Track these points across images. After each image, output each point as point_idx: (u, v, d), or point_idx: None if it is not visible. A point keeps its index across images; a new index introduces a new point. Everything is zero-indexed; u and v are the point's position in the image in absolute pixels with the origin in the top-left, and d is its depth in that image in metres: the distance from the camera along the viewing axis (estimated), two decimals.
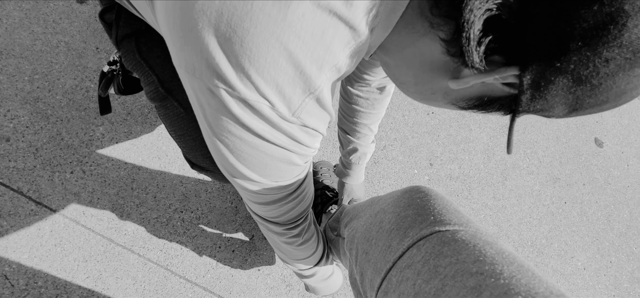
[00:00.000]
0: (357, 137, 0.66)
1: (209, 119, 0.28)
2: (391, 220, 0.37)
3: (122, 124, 0.84)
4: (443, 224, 0.32)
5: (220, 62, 0.23)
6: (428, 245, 0.31)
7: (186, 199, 0.83)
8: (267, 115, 0.26)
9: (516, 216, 1.06)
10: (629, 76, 0.21)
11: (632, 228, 1.18)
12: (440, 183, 1.03)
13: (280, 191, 0.35)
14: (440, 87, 0.28)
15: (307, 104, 0.27)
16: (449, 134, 1.09)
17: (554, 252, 1.06)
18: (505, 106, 0.27)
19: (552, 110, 0.24)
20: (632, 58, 0.20)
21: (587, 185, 1.18)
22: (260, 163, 0.31)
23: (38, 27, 0.84)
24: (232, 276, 0.81)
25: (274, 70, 0.24)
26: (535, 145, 1.18)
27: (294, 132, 0.28)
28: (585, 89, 0.22)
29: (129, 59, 0.43)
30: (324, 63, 0.25)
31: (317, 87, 0.26)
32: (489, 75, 0.24)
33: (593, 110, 0.24)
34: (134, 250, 0.77)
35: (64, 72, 0.83)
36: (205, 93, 0.26)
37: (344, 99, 0.63)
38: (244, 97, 0.25)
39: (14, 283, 0.70)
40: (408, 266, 0.31)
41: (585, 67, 0.21)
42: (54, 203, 0.76)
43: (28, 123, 0.78)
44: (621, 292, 1.09)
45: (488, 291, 0.24)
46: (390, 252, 0.34)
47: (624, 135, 1.31)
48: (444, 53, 0.25)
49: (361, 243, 0.40)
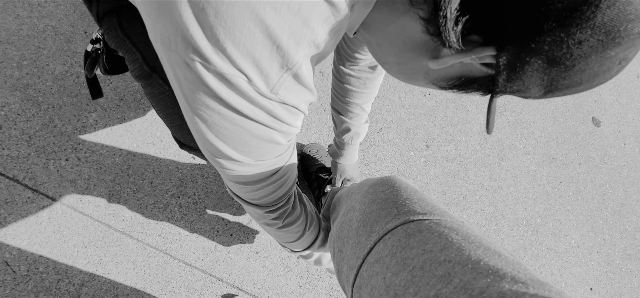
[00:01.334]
0: (349, 117, 0.67)
1: (186, 94, 0.28)
2: (358, 218, 0.38)
3: (115, 110, 0.83)
4: (407, 215, 0.33)
5: (195, 34, 0.23)
6: (394, 239, 0.31)
7: (183, 184, 0.84)
8: (244, 90, 0.26)
9: (512, 196, 1.08)
10: (602, 58, 0.22)
11: (626, 207, 1.21)
12: (437, 165, 1.04)
13: (260, 171, 0.35)
14: (421, 66, 0.29)
15: (286, 80, 0.27)
16: (446, 115, 1.10)
17: (549, 231, 1.09)
18: (483, 86, 0.28)
19: (528, 91, 0.25)
20: (604, 40, 0.21)
21: (583, 165, 1.20)
22: (239, 141, 0.30)
23: (23, 11, 0.82)
24: (230, 259, 0.83)
25: (250, 43, 0.24)
26: (532, 126, 1.18)
27: (273, 109, 0.28)
28: (559, 70, 0.23)
29: (112, 36, 0.42)
30: (301, 38, 0.25)
31: (295, 63, 0.26)
32: (466, 55, 0.24)
33: (568, 91, 0.25)
34: (132, 235, 0.79)
35: (53, 58, 0.82)
36: (181, 67, 0.25)
37: (336, 78, 0.63)
38: (219, 70, 0.24)
39: (15, 270, 0.72)
40: (376, 261, 0.31)
41: (558, 48, 0.21)
42: (50, 190, 0.76)
43: (19, 110, 0.78)
44: (613, 268, 1.12)
45: (457, 277, 0.25)
46: (360, 248, 0.35)
47: (622, 114, 1.32)
48: (424, 32, 0.26)
49: (335, 242, 0.41)
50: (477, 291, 0.23)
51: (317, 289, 0.86)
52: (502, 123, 1.15)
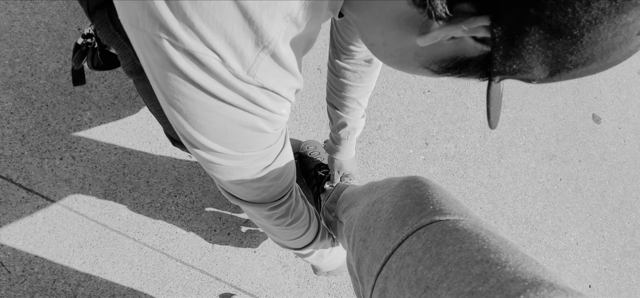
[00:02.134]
0: (346, 112, 0.66)
1: (157, 79, 0.26)
2: (389, 210, 0.37)
3: (110, 108, 0.83)
4: (443, 214, 0.32)
5: (160, 7, 0.22)
6: (428, 234, 0.31)
7: (179, 183, 0.84)
8: (217, 71, 0.24)
9: (511, 194, 1.09)
10: (615, 25, 0.18)
11: (626, 204, 1.21)
12: (436, 163, 1.04)
13: (251, 165, 0.33)
14: (410, 46, 0.27)
15: (263, 60, 0.25)
16: (445, 112, 1.09)
17: (548, 228, 1.09)
18: (479, 68, 0.25)
19: (530, 70, 0.22)
20: (618, 1, 0.17)
21: (583, 162, 1.20)
22: (219, 130, 0.28)
23: (15, 7, 0.81)
24: (228, 258, 0.83)
25: (219, 16, 0.22)
26: (532, 123, 1.18)
27: (251, 94, 0.26)
28: (565, 42, 0.20)
29: (103, 30, 0.41)
30: (275, 11, 0.23)
31: (271, 39, 0.24)
32: (456, 27, 0.22)
33: (578, 72, 0.21)
34: (128, 235, 0.79)
35: (46, 55, 0.81)
36: (150, 47, 0.24)
37: (331, 72, 0.62)
38: (188, 48, 0.23)
39: (10, 270, 0.72)
40: (408, 253, 0.31)
41: (563, 12, 0.18)
42: (44, 190, 0.76)
43: (12, 109, 0.77)
44: (612, 265, 1.13)
45: (494, 278, 0.24)
46: (389, 239, 0.34)
47: (622, 110, 1.32)
48: (410, 4, 0.23)
49: (358, 231, 0.40)
50: (514, 292, 0.22)
51: (315, 288, 0.87)
52: (502, 120, 1.15)
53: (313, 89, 0.99)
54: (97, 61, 0.50)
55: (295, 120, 0.95)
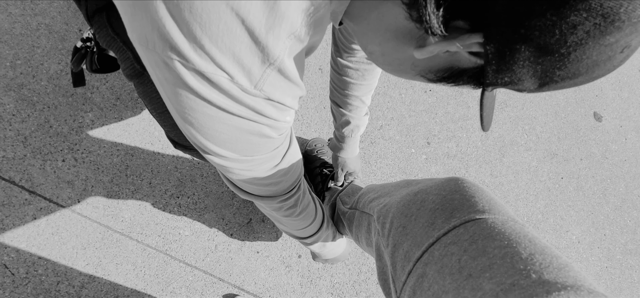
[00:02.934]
0: (349, 110, 0.66)
1: (169, 95, 0.27)
2: (435, 201, 0.38)
3: (112, 109, 0.83)
4: (492, 213, 0.34)
5: (172, 31, 0.23)
6: (476, 228, 0.32)
7: (182, 184, 0.84)
8: (226, 88, 0.25)
9: (513, 192, 1.09)
10: (600, 45, 0.20)
11: (627, 202, 1.22)
12: (438, 162, 1.04)
13: (260, 166, 0.35)
14: (406, 56, 0.28)
15: (269, 75, 0.26)
16: (447, 111, 1.10)
17: (549, 227, 1.10)
18: (473, 78, 0.26)
19: (520, 83, 0.23)
20: (601, 24, 0.19)
21: (584, 160, 1.21)
22: (229, 139, 0.30)
23: (15, 9, 0.81)
24: (231, 259, 0.84)
25: (228, 39, 0.23)
26: (534, 121, 1.19)
27: (257, 106, 0.28)
28: (552, 59, 0.21)
29: (103, 35, 0.42)
30: (280, 31, 0.24)
31: (277, 57, 0.25)
32: (451, 43, 0.23)
33: (566, 84, 0.23)
34: (132, 236, 0.79)
35: (47, 57, 0.81)
36: (161, 67, 0.25)
37: (334, 71, 0.63)
38: (199, 68, 0.24)
39: (14, 272, 0.72)
40: (454, 243, 0.32)
41: (550, 33, 0.20)
42: (47, 192, 0.76)
43: (14, 111, 0.77)
44: (613, 263, 1.14)
45: (536, 275, 0.25)
46: (434, 228, 0.35)
47: (624, 108, 1.32)
48: (407, 18, 0.24)
49: (398, 218, 0.42)
50: (555, 289, 0.24)
51: (318, 288, 0.87)
52: (503, 119, 1.16)
53: (315, 89, 0.99)
54: (95, 65, 0.50)
55: (298, 120, 0.96)
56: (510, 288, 0.25)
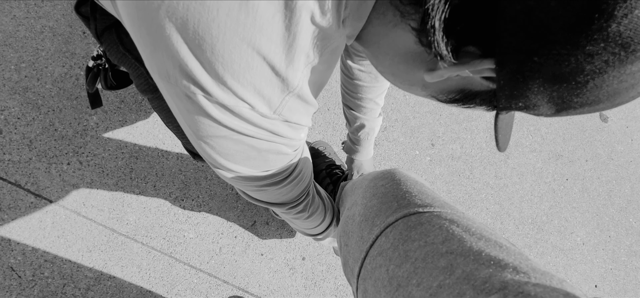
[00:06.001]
0: (363, 113, 0.67)
1: (188, 122, 0.29)
2: (361, 212, 0.40)
3: (116, 112, 0.85)
4: (407, 208, 0.35)
5: (195, 69, 0.24)
6: (395, 232, 0.33)
7: (186, 187, 0.86)
8: (247, 117, 0.27)
9: (517, 194, 1.11)
10: (621, 74, 0.19)
11: (633, 203, 1.23)
12: (442, 164, 1.06)
13: (272, 178, 0.37)
14: (417, 79, 0.28)
15: (288, 101, 0.28)
16: (451, 112, 1.11)
17: (554, 229, 1.12)
18: (486, 101, 0.26)
19: (537, 108, 0.23)
20: (621, 54, 0.18)
21: (589, 161, 1.22)
22: (245, 157, 0.32)
23: (19, 11, 0.83)
24: (235, 261, 0.86)
25: (249, 74, 0.24)
26: (539, 122, 1.20)
27: (275, 128, 0.29)
28: (569, 87, 0.20)
29: (113, 52, 0.43)
30: (298, 63, 0.25)
31: (296, 86, 0.27)
32: (462, 69, 0.23)
33: (585, 110, 0.22)
34: (136, 239, 0.81)
35: (52, 60, 0.83)
36: (182, 99, 0.26)
37: (346, 75, 0.63)
38: (222, 102, 0.25)
39: (21, 275, 0.74)
40: (379, 254, 0.33)
41: (566, 63, 0.19)
42: (53, 195, 0.78)
43: (19, 114, 0.79)
44: (618, 265, 1.15)
45: (460, 269, 0.26)
46: (363, 242, 0.37)
47: (630, 109, 1.34)
48: (417, 43, 0.25)
49: (342, 236, 0.44)
50: (480, 281, 0.24)
51: (322, 290, 0.89)
52: None
53: None
54: (110, 81, 0.52)
55: None
56: (437, 291, 0.26)
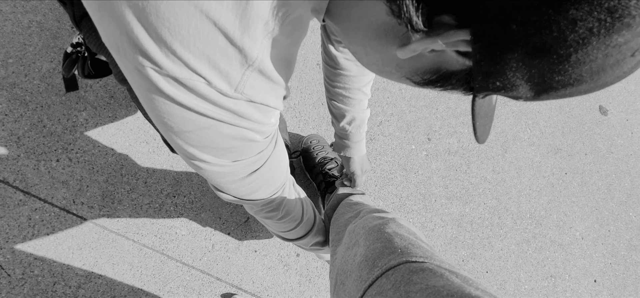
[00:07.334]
0: (351, 105, 0.64)
1: (145, 100, 0.26)
2: (362, 253, 0.41)
3: (106, 108, 0.84)
4: (409, 256, 0.36)
5: (140, 36, 0.22)
6: (397, 274, 0.34)
7: (178, 183, 0.85)
8: (204, 93, 0.25)
9: (515, 189, 1.10)
10: (606, 46, 0.17)
11: (633, 197, 1.23)
12: (439, 158, 1.05)
13: (244, 171, 0.34)
14: (390, 57, 0.27)
15: (250, 77, 0.25)
16: (448, 106, 1.11)
17: (553, 223, 1.11)
18: (462, 82, 0.25)
19: (515, 89, 0.21)
20: (607, 20, 0.16)
21: (589, 155, 1.22)
22: (211, 144, 0.29)
23: (6, 6, 0.82)
24: (228, 258, 0.85)
25: (200, 42, 0.22)
26: (537, 116, 1.20)
27: (239, 109, 0.27)
28: (550, 61, 0.19)
29: (92, 39, 0.42)
30: (256, 31, 0.23)
31: (256, 58, 0.25)
32: (435, 40, 0.21)
33: (566, 92, 0.21)
34: (128, 236, 0.81)
35: (39, 55, 0.82)
36: (134, 74, 0.24)
37: (330, 66, 0.60)
38: (173, 74, 0.23)
39: (10, 273, 0.74)
40: (378, 293, 0.34)
41: (547, 31, 0.17)
42: (42, 192, 0.78)
43: (6, 110, 0.79)
44: (618, 259, 1.15)
45: None
46: (361, 281, 0.37)
47: (630, 102, 1.33)
48: (389, 14, 0.23)
49: (339, 274, 0.45)
50: None
51: (317, 286, 0.89)
52: (506, 113, 1.16)
53: (313, 85, 1.00)
54: (88, 70, 0.51)
55: (295, 117, 0.97)
56: None
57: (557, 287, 1.07)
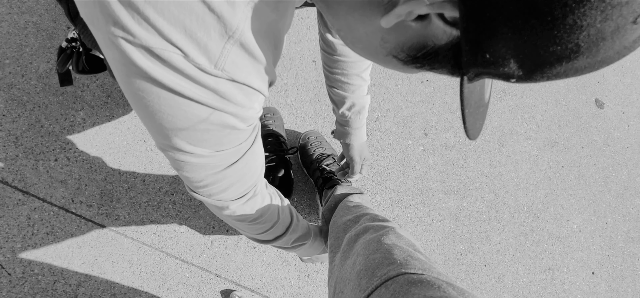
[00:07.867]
0: (351, 91, 0.63)
1: (120, 77, 0.24)
2: (361, 263, 0.42)
3: (103, 107, 0.85)
4: (408, 268, 0.37)
5: (112, 4, 0.21)
6: (395, 285, 0.35)
7: (176, 181, 0.86)
8: (180, 67, 0.23)
9: (513, 182, 1.11)
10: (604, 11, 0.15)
11: (630, 189, 1.24)
12: (436, 153, 1.06)
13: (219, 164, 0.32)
14: (374, 29, 0.25)
15: (231, 51, 0.24)
16: (445, 101, 1.11)
17: (550, 216, 1.12)
18: (450, 59, 0.23)
19: (504, 62, 0.19)
20: None
21: (585, 148, 1.22)
22: (188, 128, 0.27)
23: (2, 7, 0.83)
24: (227, 255, 0.86)
25: (176, 8, 0.21)
26: (534, 110, 1.20)
27: (221, 88, 0.25)
28: (544, 26, 0.17)
29: (87, 34, 0.42)
30: None
31: (236, 28, 0.23)
32: (419, 1, 0.20)
33: (562, 69, 0.19)
34: (127, 234, 0.81)
35: (36, 55, 0.83)
36: (108, 46, 0.23)
37: (328, 53, 0.60)
38: (146, 44, 0.22)
39: (11, 272, 0.75)
40: None
41: None
42: (41, 191, 0.78)
43: (4, 111, 0.79)
44: (615, 251, 1.16)
45: None
46: (360, 290, 0.38)
47: (626, 94, 1.34)
48: None
49: (338, 283, 0.46)
50: None
51: (316, 282, 0.90)
52: (503, 108, 1.17)
53: (309, 81, 1.00)
54: (83, 65, 0.51)
55: (292, 114, 0.97)
56: None
57: (555, 279, 1.08)
